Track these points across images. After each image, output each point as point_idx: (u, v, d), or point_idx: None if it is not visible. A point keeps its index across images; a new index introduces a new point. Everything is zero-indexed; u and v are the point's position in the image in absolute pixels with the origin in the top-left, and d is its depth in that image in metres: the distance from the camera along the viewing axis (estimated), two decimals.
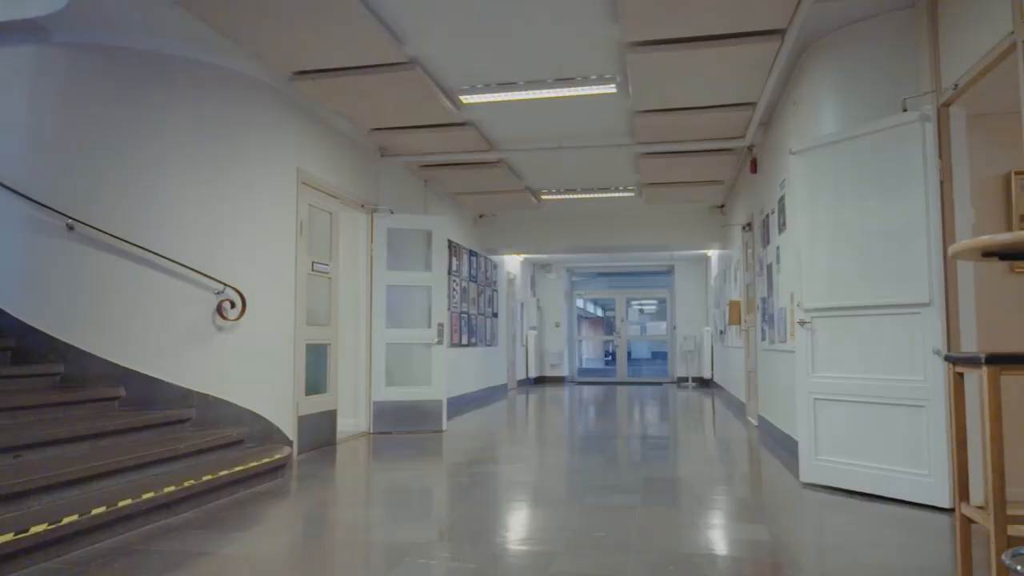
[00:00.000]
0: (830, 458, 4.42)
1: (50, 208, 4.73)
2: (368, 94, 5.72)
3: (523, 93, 5.91)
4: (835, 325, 4.40)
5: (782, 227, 5.93)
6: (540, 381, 15.98)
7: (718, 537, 3.39)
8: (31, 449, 3.70)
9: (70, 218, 4.72)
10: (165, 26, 4.73)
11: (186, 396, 4.91)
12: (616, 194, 9.99)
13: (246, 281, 5.24)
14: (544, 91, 5.87)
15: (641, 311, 29.61)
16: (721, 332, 11.93)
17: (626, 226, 11.45)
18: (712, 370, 13.97)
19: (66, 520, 3.07)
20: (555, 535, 3.43)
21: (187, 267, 4.95)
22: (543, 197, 10.30)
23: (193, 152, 5.11)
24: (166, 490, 3.69)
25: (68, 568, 2.92)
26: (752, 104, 6.00)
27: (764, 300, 7.04)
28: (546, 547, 3.23)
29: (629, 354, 17.44)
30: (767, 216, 6.76)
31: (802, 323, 4.58)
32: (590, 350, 29.46)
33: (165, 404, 4.83)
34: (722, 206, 10.85)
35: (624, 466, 5.32)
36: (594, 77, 5.62)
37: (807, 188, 4.58)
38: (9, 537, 2.80)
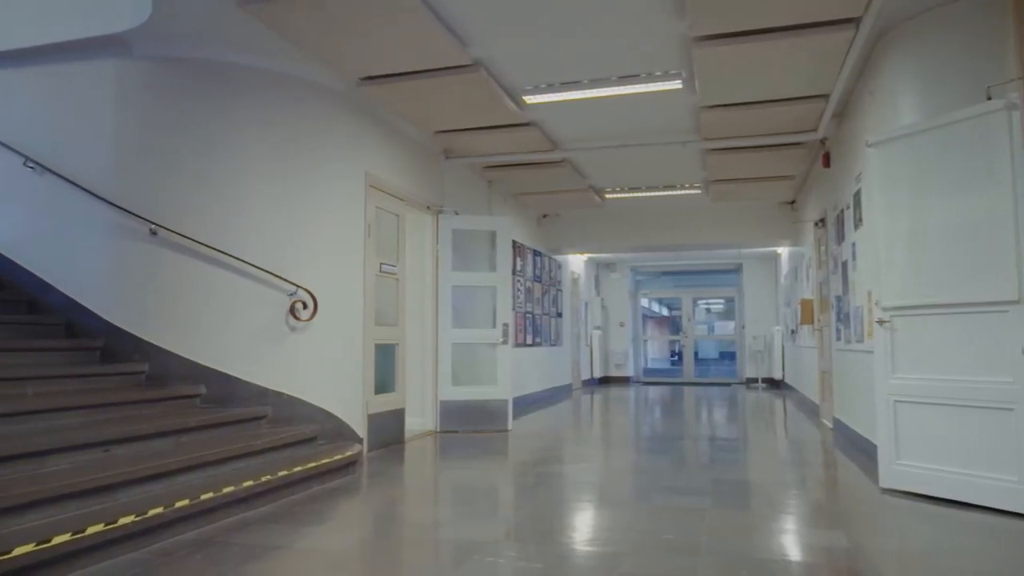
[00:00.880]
0: (911, 463, 4.24)
1: (134, 214, 4.96)
2: (433, 97, 5.79)
3: (587, 92, 5.88)
4: (916, 324, 4.22)
5: (858, 223, 5.73)
6: (605, 381, 15.87)
7: (793, 542, 3.29)
8: (118, 444, 3.89)
9: (153, 223, 4.95)
10: (240, 38, 4.90)
11: (262, 394, 5.08)
12: (682, 192, 9.83)
13: (317, 282, 5.38)
14: (608, 89, 5.82)
15: (708, 310, 29.05)
16: (792, 332, 11.60)
17: (692, 224, 11.26)
18: (783, 371, 13.60)
19: (152, 512, 3.22)
20: (622, 536, 3.40)
21: (262, 269, 5.11)
22: (607, 196, 10.23)
23: (266, 158, 5.27)
24: (244, 485, 3.83)
25: (154, 558, 3.05)
26: (825, 96, 5.81)
27: (839, 298, 6.81)
28: (613, 548, 3.20)
29: (696, 354, 17.13)
30: (841, 212, 6.53)
31: (881, 322, 4.41)
32: (655, 350, 29.09)
33: (242, 402, 5.00)
34: (793, 202, 10.55)
35: (692, 468, 5.23)
36: (659, 73, 5.55)
37: (884, 182, 4.41)
38: (100, 527, 2.96)
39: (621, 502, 4.14)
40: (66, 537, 2.81)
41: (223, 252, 5.02)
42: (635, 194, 10.06)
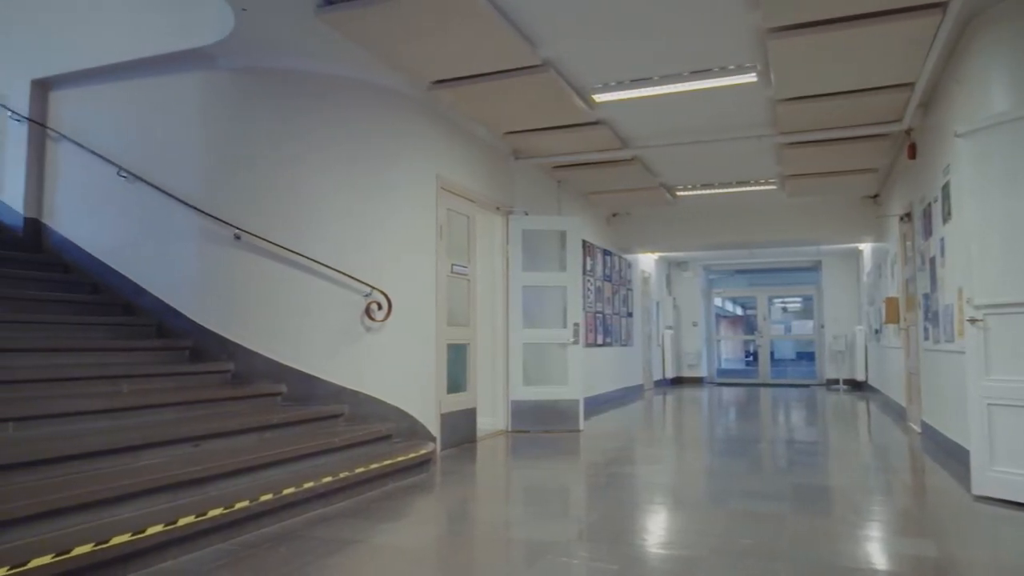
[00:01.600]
0: (1007, 469, 4.01)
1: (220, 220, 5.19)
2: (502, 98, 5.83)
3: (657, 88, 5.80)
4: (1012, 323, 3.99)
5: (947, 216, 5.46)
6: (677, 382, 15.61)
7: (879, 550, 3.17)
8: (207, 439, 4.06)
9: (237, 228, 5.15)
10: (316, 47, 5.05)
11: (339, 393, 5.22)
12: (756, 187, 9.58)
13: (391, 284, 5.49)
14: (679, 85, 5.73)
15: (784, 309, 28.20)
16: (876, 331, 11.14)
17: (767, 221, 10.95)
18: (866, 372, 13.07)
19: (238, 505, 3.35)
20: (698, 540, 3.34)
21: (338, 271, 5.26)
22: (678, 193, 10.06)
23: (341, 162, 5.42)
24: (323, 480, 3.94)
25: (240, 550, 3.18)
26: (909, 84, 5.56)
27: (926, 296, 6.50)
28: (689, 552, 3.15)
29: (772, 354, 16.65)
30: (928, 205, 6.24)
31: (973, 321, 4.19)
32: (729, 350, 28.44)
33: (321, 400, 5.15)
34: (876, 196, 10.13)
35: (771, 471, 5.10)
36: (732, 67, 5.42)
37: (976, 173, 4.18)
38: (191, 519, 3.10)
39: (696, 505, 4.07)
40: (159, 528, 2.96)
41: (302, 255, 5.19)
42: (708, 191, 9.87)
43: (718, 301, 18.91)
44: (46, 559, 2.52)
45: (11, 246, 5.76)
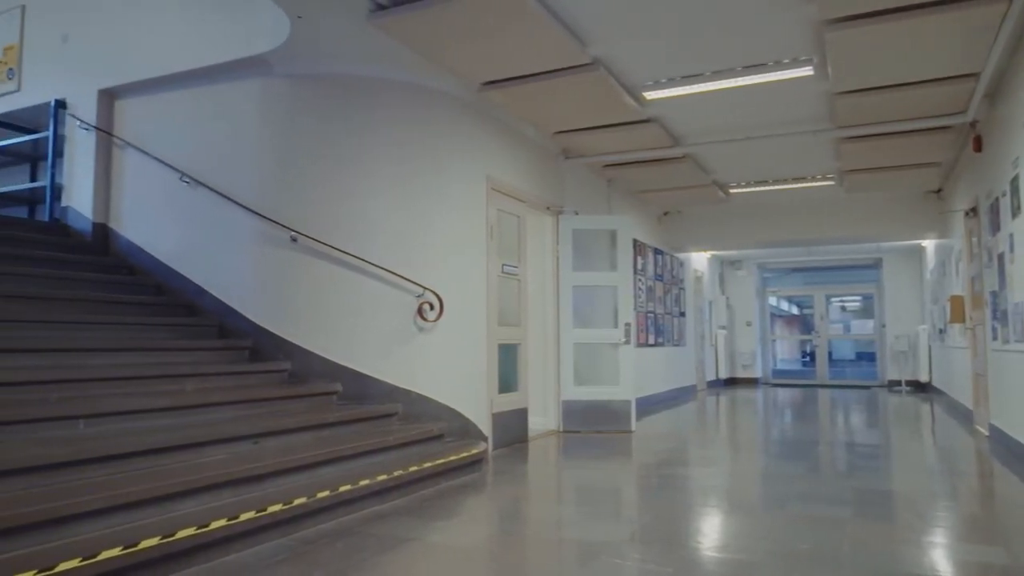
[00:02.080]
0: None
1: (276, 222, 5.31)
2: (552, 98, 5.83)
3: (709, 84, 5.71)
4: None
5: (1016, 211, 5.23)
6: (731, 382, 15.35)
7: (944, 557, 3.06)
8: (265, 437, 4.17)
9: (293, 231, 5.27)
10: (369, 52, 5.13)
11: (392, 392, 5.29)
12: (813, 184, 9.35)
13: (442, 284, 5.54)
14: (732, 80, 5.64)
15: (843, 308, 27.45)
16: (940, 331, 10.75)
17: (825, 217, 10.67)
18: (930, 373, 12.63)
19: (296, 502, 3.43)
20: (754, 544, 3.28)
21: (391, 272, 5.33)
22: (731, 191, 9.90)
23: (393, 165, 5.49)
24: (378, 479, 4.00)
25: (298, 545, 3.26)
26: (974, 75, 5.36)
27: (994, 294, 6.25)
28: (744, 556, 3.10)
29: (830, 355, 16.22)
30: (996, 199, 5.99)
31: None
32: (785, 350, 27.80)
33: (375, 399, 5.23)
34: (939, 190, 9.78)
35: (830, 475, 4.97)
36: (787, 61, 5.31)
37: None
38: (251, 514, 3.19)
39: (752, 508, 4.00)
40: (222, 522, 3.05)
41: (355, 256, 5.28)
42: (762, 188, 9.67)
43: (773, 300, 18.49)
44: (115, 551, 2.63)
45: (81, 250, 6.01)
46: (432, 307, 5.46)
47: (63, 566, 2.46)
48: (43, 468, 3.04)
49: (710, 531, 3.53)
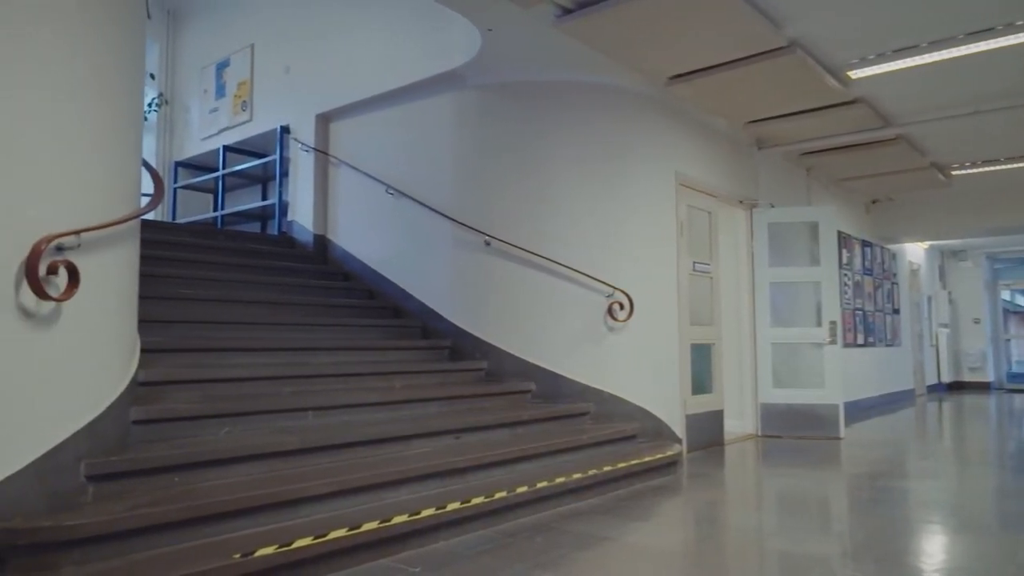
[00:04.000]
0: None
1: (471, 227, 5.57)
2: (744, 86, 5.57)
3: (926, 56, 5.17)
4: None
5: None
6: (956, 387, 13.75)
7: None
8: (466, 432, 4.38)
9: (487, 235, 5.50)
10: (555, 56, 5.22)
11: (583, 391, 5.34)
12: None
13: (632, 284, 5.50)
14: (953, 50, 5.05)
15: None
16: None
17: None
18: None
19: (497, 495, 3.57)
20: (989, 567, 2.91)
21: (581, 272, 5.38)
22: (953, 173, 8.86)
23: (581, 166, 5.54)
24: (574, 477, 4.06)
25: (500, 538, 3.38)
26: None
27: None
28: None
29: None
30: None
31: None
32: (1022, 351, 24.42)
33: (566, 398, 5.31)
34: None
35: None
36: (1020, 23, 4.66)
37: None
38: (456, 505, 3.36)
39: (985, 528, 3.56)
40: (431, 511, 3.25)
41: (546, 258, 5.39)
42: (990, 168, 8.56)
43: (1006, 294, 16.31)
44: (341, 532, 2.89)
45: (304, 259, 6.70)
46: (622, 307, 5.43)
47: (298, 543, 2.75)
48: (279, 455, 3.43)
49: (935, 550, 3.19)
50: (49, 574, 2.39)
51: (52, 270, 2.61)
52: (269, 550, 2.65)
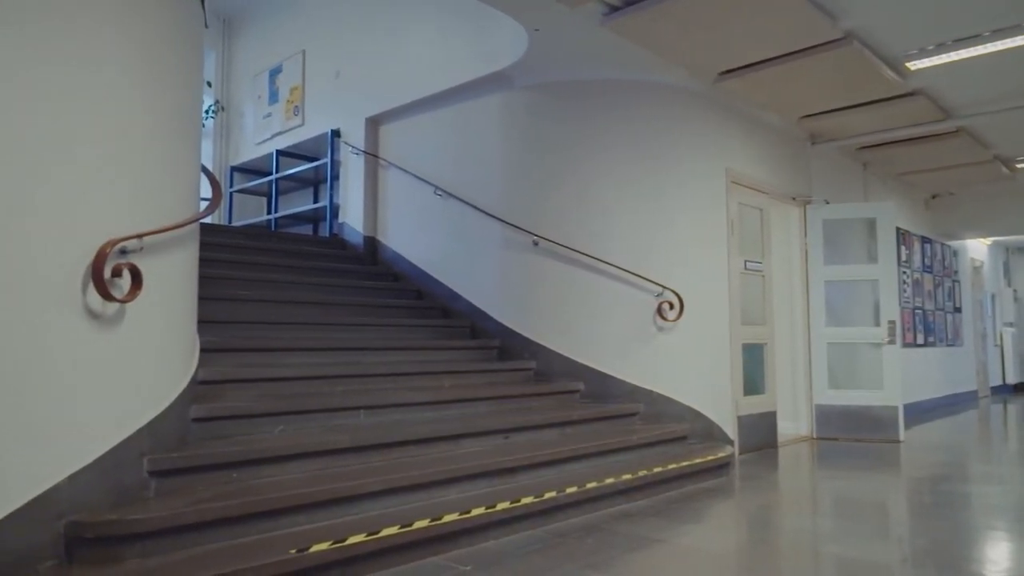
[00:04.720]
0: None
1: (519, 227, 5.58)
2: (797, 80, 5.45)
3: (988, 46, 4.98)
4: None
5: None
6: (1022, 388, 13.21)
7: None
8: (515, 432, 4.39)
9: (535, 235, 5.50)
10: (603, 55, 5.18)
11: (633, 391, 5.30)
12: None
13: (682, 283, 5.43)
14: (1019, 38, 4.85)
15: None
16: None
17: None
18: None
19: (547, 495, 3.57)
20: None
21: (630, 272, 5.34)
22: (1018, 166, 8.52)
23: (628, 164, 5.50)
24: (623, 477, 4.03)
25: (550, 538, 3.38)
26: None
27: None
28: None
29: None
30: None
31: None
32: None
33: (616, 398, 5.28)
34: None
35: None
36: None
37: None
38: (506, 504, 3.37)
39: None
40: (481, 510, 3.26)
41: (594, 257, 5.36)
42: None
43: None
44: (393, 529, 2.93)
45: (355, 260, 6.80)
46: (672, 306, 5.37)
47: (352, 539, 2.79)
48: (332, 452, 3.49)
49: (1000, 558, 3.07)
50: (114, 566, 2.48)
51: (116, 272, 2.71)
52: (324, 546, 2.70)
